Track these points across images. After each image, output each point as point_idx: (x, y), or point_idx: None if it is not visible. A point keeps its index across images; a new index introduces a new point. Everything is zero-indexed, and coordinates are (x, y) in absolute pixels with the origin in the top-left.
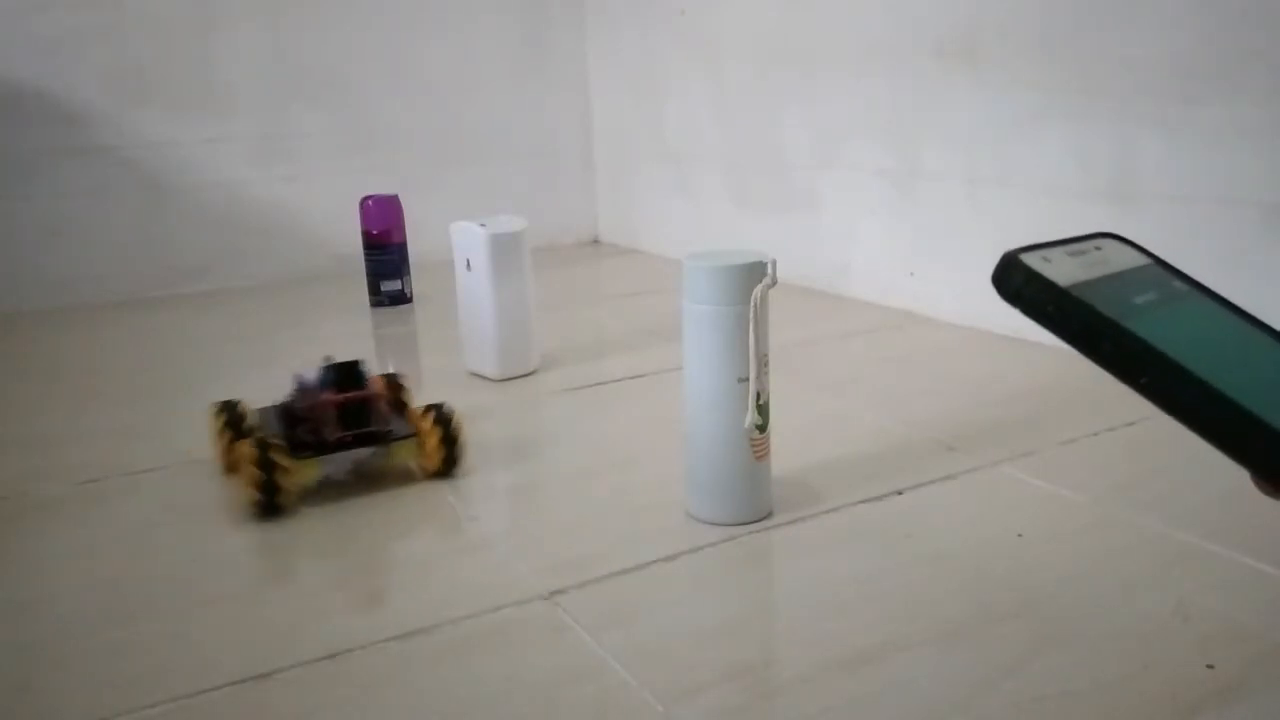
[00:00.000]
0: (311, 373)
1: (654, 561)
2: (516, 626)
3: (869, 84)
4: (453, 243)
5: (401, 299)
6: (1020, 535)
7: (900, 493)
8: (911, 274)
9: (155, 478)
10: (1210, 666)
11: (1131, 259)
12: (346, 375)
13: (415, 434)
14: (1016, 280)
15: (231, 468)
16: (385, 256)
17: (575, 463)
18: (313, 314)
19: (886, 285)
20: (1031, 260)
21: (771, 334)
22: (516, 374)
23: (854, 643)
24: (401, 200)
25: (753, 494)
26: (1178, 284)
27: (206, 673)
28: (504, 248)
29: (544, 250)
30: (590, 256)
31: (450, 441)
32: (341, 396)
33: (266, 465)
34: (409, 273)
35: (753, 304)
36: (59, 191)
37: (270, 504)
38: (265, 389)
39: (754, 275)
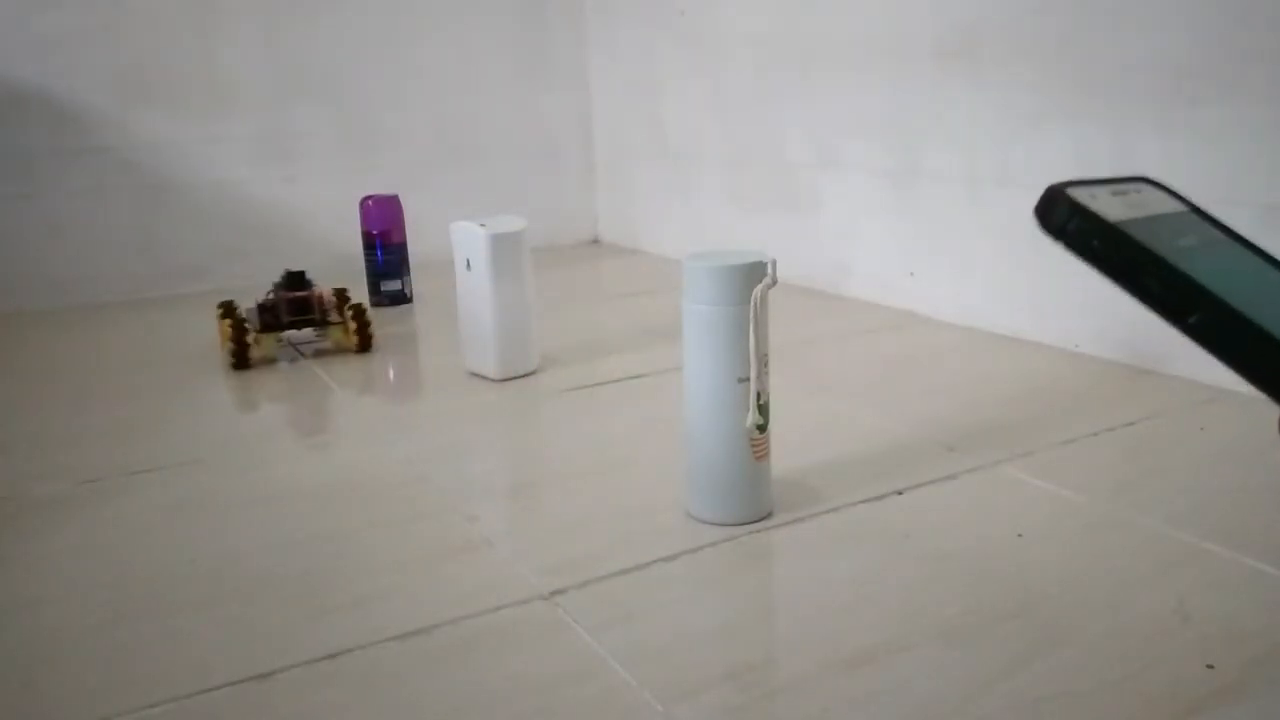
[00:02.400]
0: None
1: (654, 561)
2: (516, 626)
3: (869, 84)
4: (453, 243)
5: (401, 299)
6: (1020, 535)
7: (900, 493)
8: (911, 274)
9: (155, 478)
10: (1210, 666)
11: (1170, 204)
12: (296, 281)
13: (341, 321)
14: (1062, 214)
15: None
16: (385, 256)
17: (575, 463)
18: None
19: (886, 285)
20: (1078, 194)
21: (771, 334)
22: (516, 374)
23: (854, 643)
24: (401, 200)
25: (753, 494)
26: (1216, 231)
27: (206, 673)
28: (504, 248)
29: (544, 250)
30: (590, 256)
31: (363, 327)
32: (290, 295)
33: (240, 335)
34: (409, 273)
35: (753, 304)
36: (59, 191)
37: (242, 359)
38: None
39: (754, 275)
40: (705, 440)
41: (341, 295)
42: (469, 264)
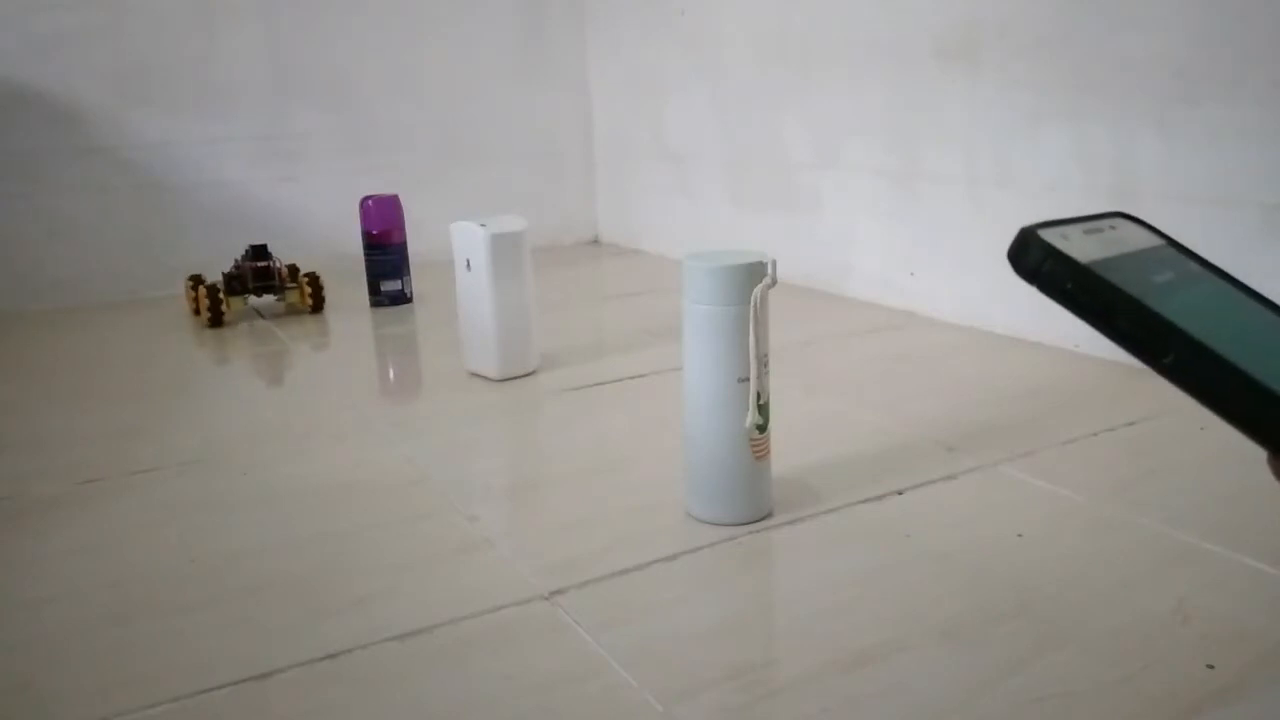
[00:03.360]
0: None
1: (654, 561)
2: (516, 626)
3: (869, 84)
4: (453, 243)
5: (401, 299)
6: (1020, 535)
7: (900, 493)
8: (911, 274)
9: (155, 478)
10: (1210, 666)
11: (1146, 239)
12: (259, 254)
13: (297, 286)
14: (1035, 257)
15: (198, 309)
16: (385, 256)
17: (575, 463)
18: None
19: (886, 285)
20: (1050, 236)
21: (771, 334)
22: (516, 374)
23: (854, 643)
24: (401, 200)
25: (753, 494)
26: (1192, 265)
27: (206, 673)
28: (504, 248)
29: (544, 250)
30: (590, 256)
31: (316, 290)
32: (254, 265)
33: (215, 298)
34: (409, 273)
35: (753, 304)
36: (59, 191)
37: (217, 319)
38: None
39: (754, 275)
40: (705, 440)
41: (293, 268)
42: (469, 264)
